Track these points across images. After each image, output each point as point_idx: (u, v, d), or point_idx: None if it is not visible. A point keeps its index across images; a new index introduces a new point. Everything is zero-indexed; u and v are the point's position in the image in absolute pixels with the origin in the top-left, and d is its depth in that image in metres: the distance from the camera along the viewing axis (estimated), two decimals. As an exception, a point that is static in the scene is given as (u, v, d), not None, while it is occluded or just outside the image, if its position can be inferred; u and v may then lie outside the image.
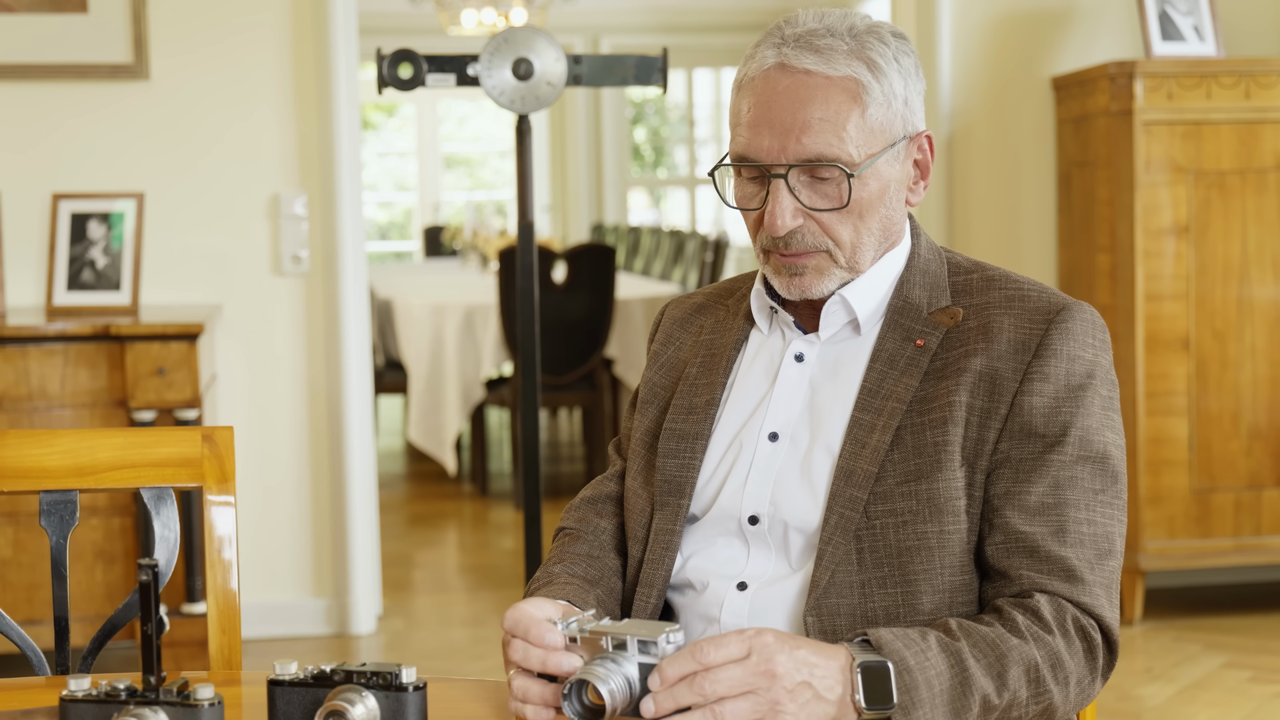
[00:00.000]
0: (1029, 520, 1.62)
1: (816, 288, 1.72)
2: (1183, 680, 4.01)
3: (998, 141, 4.76)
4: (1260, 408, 4.45)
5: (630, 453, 1.84)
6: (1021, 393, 1.65)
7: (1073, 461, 1.64)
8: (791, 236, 1.69)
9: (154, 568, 1.42)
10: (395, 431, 8.60)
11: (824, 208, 1.68)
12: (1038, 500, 1.62)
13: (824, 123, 1.65)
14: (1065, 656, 1.57)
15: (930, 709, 1.47)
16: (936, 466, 1.63)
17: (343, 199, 4.52)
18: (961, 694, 1.50)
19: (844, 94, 1.66)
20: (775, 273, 1.73)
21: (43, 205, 4.45)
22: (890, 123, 1.69)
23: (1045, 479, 1.63)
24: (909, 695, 1.46)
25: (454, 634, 4.66)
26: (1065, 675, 1.57)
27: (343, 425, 4.56)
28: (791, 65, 1.67)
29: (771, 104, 1.67)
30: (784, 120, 1.66)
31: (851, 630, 1.62)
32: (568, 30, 10.09)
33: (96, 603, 4.02)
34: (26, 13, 4.38)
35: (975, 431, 1.65)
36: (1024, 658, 1.55)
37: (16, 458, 1.91)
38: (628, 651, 1.40)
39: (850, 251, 1.71)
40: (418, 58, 3.26)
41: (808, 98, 1.66)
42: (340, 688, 1.39)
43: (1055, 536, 1.61)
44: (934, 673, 1.49)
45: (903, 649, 1.48)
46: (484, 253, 8.57)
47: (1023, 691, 1.54)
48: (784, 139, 1.66)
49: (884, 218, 1.72)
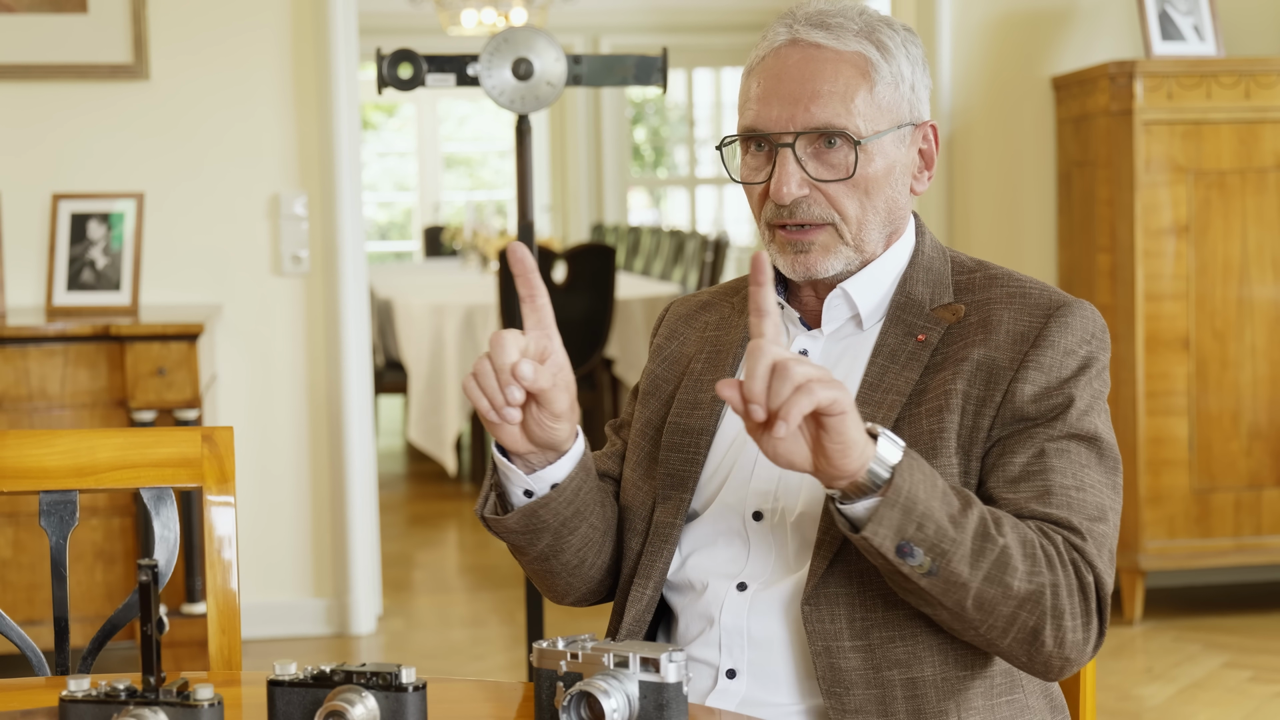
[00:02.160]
0: (1013, 488, 1.61)
1: (822, 265, 1.71)
2: (1183, 680, 4.01)
3: (998, 141, 4.76)
4: (1260, 407, 4.45)
5: (632, 444, 1.83)
6: (1015, 380, 1.64)
7: (1061, 437, 1.62)
8: (797, 206, 1.69)
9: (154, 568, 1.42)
10: (395, 431, 8.60)
11: (830, 178, 1.68)
12: (1021, 469, 1.61)
13: (832, 94, 1.67)
14: (1057, 564, 1.55)
15: (928, 485, 1.49)
16: (932, 453, 1.63)
17: (343, 199, 4.52)
18: (961, 507, 1.51)
19: (853, 69, 1.68)
20: (780, 251, 1.72)
21: (43, 205, 4.45)
22: (897, 104, 1.70)
23: (1030, 449, 1.62)
24: (913, 460, 1.49)
25: (454, 634, 4.66)
26: (1055, 582, 1.54)
27: (343, 425, 4.56)
28: (803, 39, 1.69)
29: (781, 76, 1.69)
30: (793, 91, 1.67)
31: (849, 624, 1.61)
32: (567, 30, 10.09)
33: (96, 603, 4.02)
34: (26, 13, 4.38)
35: (970, 419, 1.64)
36: (1018, 529, 1.54)
37: (16, 458, 1.91)
38: (629, 669, 1.40)
39: (856, 227, 1.70)
40: (417, 58, 3.26)
41: (817, 71, 1.68)
42: (340, 688, 1.39)
43: (1039, 499, 1.59)
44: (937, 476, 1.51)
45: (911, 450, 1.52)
46: (484, 253, 8.56)
47: (1017, 554, 1.52)
48: (792, 108, 1.67)
49: (889, 199, 1.72)
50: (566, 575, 1.77)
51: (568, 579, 1.78)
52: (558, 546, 1.72)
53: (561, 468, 1.67)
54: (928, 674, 1.61)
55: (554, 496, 1.67)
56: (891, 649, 1.60)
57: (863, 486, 1.48)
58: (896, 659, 1.60)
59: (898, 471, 1.48)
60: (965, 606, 1.52)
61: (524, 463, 1.66)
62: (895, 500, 1.47)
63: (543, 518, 1.68)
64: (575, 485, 1.68)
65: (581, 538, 1.73)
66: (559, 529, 1.70)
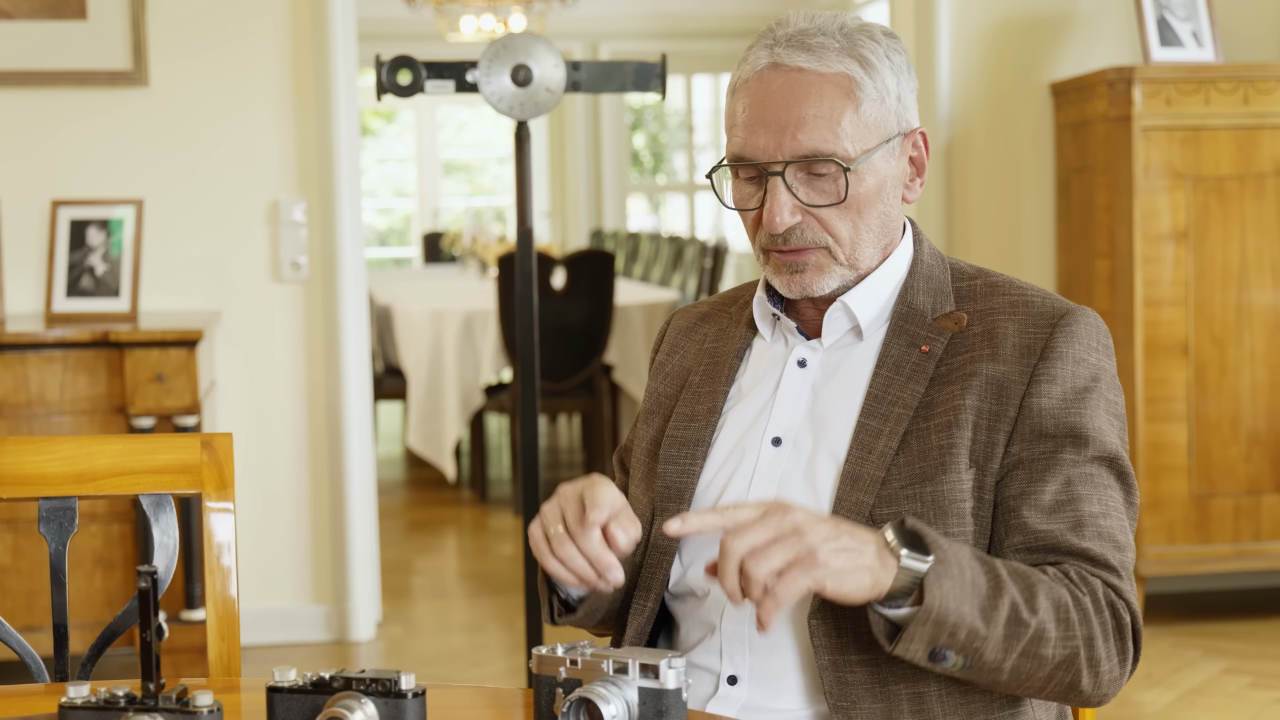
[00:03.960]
0: (1046, 519, 1.62)
1: (817, 285, 1.71)
2: (1182, 686, 4.01)
3: (997, 147, 4.77)
4: (1259, 413, 4.45)
5: (636, 462, 1.84)
6: (1029, 395, 1.65)
7: (1084, 460, 1.64)
8: (790, 233, 1.69)
9: (153, 574, 1.42)
10: (394, 438, 8.60)
11: (822, 204, 1.68)
12: (1052, 499, 1.62)
13: (819, 119, 1.66)
14: (1091, 614, 1.56)
15: (958, 586, 1.47)
16: (941, 469, 1.63)
17: (342, 205, 4.52)
18: (992, 592, 1.50)
19: (837, 90, 1.67)
20: (775, 272, 1.73)
21: (42, 212, 4.45)
22: (884, 119, 1.69)
23: (1058, 477, 1.63)
24: (942, 565, 1.47)
25: (453, 640, 4.66)
26: (1090, 634, 1.55)
27: (342, 431, 4.56)
28: (784, 64, 1.68)
29: (766, 103, 1.67)
30: (779, 118, 1.67)
31: (856, 637, 1.61)
32: (566, 36, 10.09)
33: (96, 609, 4.01)
34: (26, 19, 4.39)
35: (985, 435, 1.65)
36: (1053, 592, 1.54)
37: (16, 464, 1.91)
38: (629, 675, 1.40)
39: (850, 248, 1.70)
40: (417, 64, 3.26)
41: (801, 95, 1.66)
42: (339, 694, 1.39)
43: (1074, 531, 1.61)
44: (965, 561, 1.50)
45: (933, 531, 1.50)
46: (483, 259, 8.57)
47: (1050, 625, 1.53)
48: (779, 136, 1.66)
49: (882, 214, 1.72)
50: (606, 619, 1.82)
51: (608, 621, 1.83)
52: (612, 609, 1.79)
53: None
54: (933, 688, 1.61)
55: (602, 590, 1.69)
56: (897, 663, 1.60)
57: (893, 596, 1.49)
58: (902, 673, 1.61)
59: (926, 588, 1.47)
60: (1000, 682, 1.55)
61: None
62: (925, 618, 1.47)
63: (597, 602, 1.75)
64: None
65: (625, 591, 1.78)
66: (613, 597, 1.77)
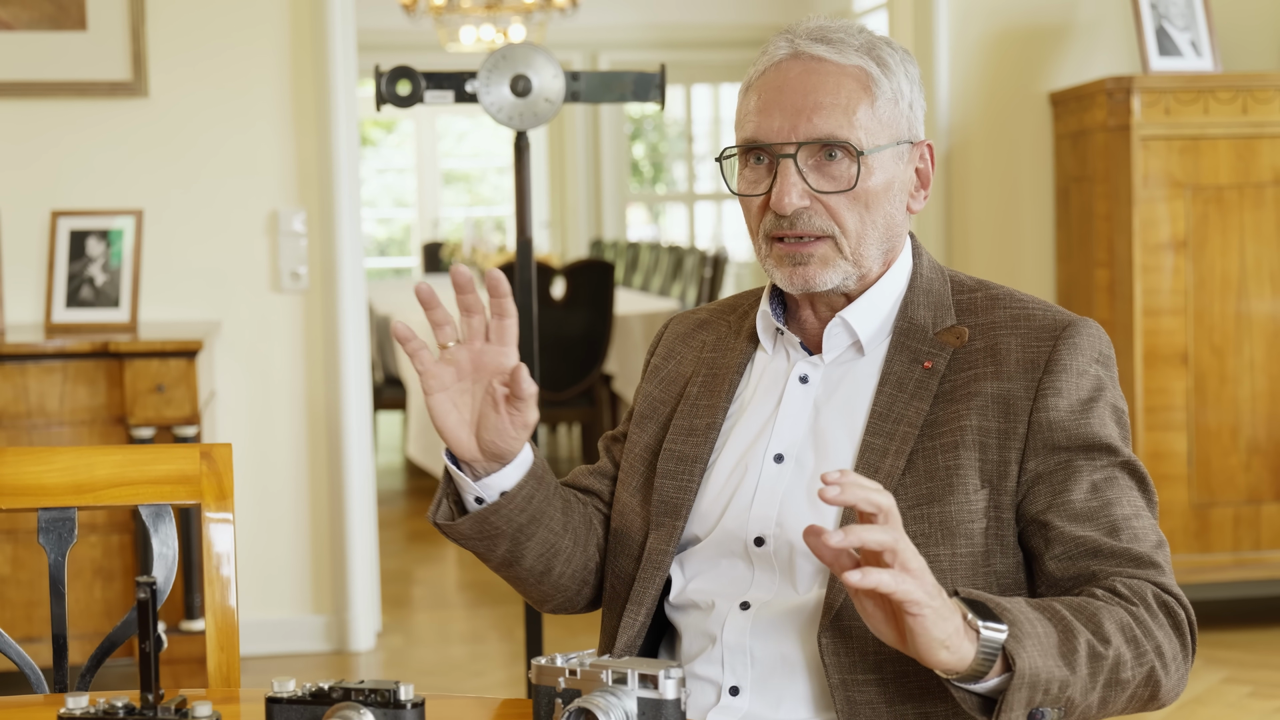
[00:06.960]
0: (1081, 525, 1.62)
1: (820, 278, 1.70)
2: (1183, 696, 4.00)
3: (996, 157, 4.77)
4: (1259, 422, 4.45)
5: (628, 467, 1.83)
6: (1037, 409, 1.65)
7: (1103, 466, 1.65)
8: (797, 217, 1.68)
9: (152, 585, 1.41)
10: (394, 448, 8.60)
11: (831, 190, 1.68)
12: (1082, 504, 1.62)
13: (835, 106, 1.67)
14: (1152, 625, 1.55)
15: (1037, 642, 1.46)
16: (949, 490, 1.63)
17: (341, 215, 4.52)
18: (1064, 638, 1.49)
19: (855, 83, 1.69)
20: (778, 264, 1.71)
21: (42, 222, 4.45)
22: (897, 120, 1.71)
23: (1081, 484, 1.63)
24: (1016, 627, 1.45)
25: (453, 650, 4.65)
26: (1158, 644, 1.55)
27: (342, 442, 4.56)
28: (804, 53, 1.70)
29: (783, 88, 1.69)
30: (795, 102, 1.68)
31: (864, 656, 1.61)
32: (566, 47, 10.10)
33: (95, 620, 4.01)
34: (26, 30, 4.39)
35: (995, 454, 1.65)
36: (1115, 616, 1.54)
37: (15, 475, 1.90)
38: (628, 686, 1.39)
39: (855, 241, 1.70)
40: (416, 74, 3.26)
41: (819, 83, 1.68)
42: (338, 705, 1.38)
43: (1111, 535, 1.61)
44: (1032, 615, 1.48)
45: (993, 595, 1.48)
46: (483, 269, 8.57)
47: (1125, 649, 1.52)
48: (794, 119, 1.68)
49: (887, 215, 1.72)
50: (534, 581, 1.78)
51: (538, 585, 1.79)
52: (517, 553, 1.73)
53: (509, 475, 1.68)
54: (940, 708, 1.61)
55: (504, 504, 1.68)
56: (906, 683, 1.60)
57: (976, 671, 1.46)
58: (910, 692, 1.60)
59: (1013, 654, 1.44)
60: (1090, 716, 1.55)
61: (470, 470, 1.68)
62: (1020, 684, 1.45)
63: (495, 524, 1.69)
64: (526, 493, 1.69)
65: (541, 543, 1.73)
66: (515, 535, 1.71)
